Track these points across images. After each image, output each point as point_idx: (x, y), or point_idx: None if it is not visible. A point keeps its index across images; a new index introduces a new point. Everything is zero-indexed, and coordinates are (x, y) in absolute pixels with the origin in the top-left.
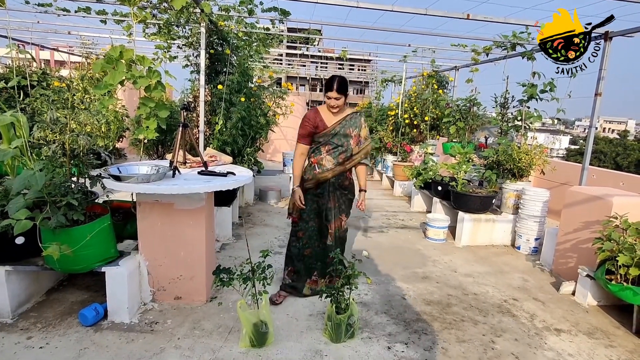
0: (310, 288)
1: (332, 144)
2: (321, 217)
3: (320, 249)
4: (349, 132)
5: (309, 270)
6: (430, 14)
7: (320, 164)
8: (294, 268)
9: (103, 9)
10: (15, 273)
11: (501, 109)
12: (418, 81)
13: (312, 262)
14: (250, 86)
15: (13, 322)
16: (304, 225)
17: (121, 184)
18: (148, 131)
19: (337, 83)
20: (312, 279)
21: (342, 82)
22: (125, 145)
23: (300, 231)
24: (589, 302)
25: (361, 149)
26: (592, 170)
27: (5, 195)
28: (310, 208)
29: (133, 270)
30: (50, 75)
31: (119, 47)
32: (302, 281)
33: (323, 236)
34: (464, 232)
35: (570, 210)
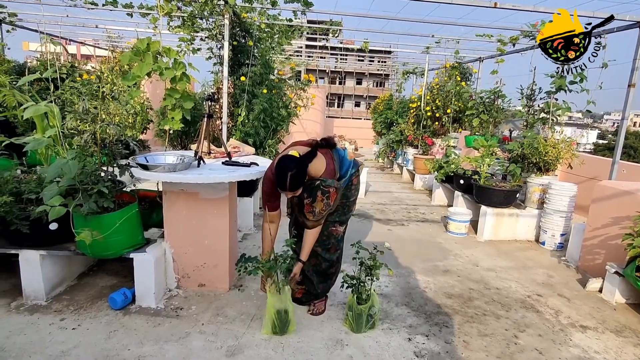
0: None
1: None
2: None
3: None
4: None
5: None
6: (455, 2)
7: None
8: None
9: (130, 2)
10: (49, 257)
11: (527, 101)
12: (441, 73)
13: None
14: (271, 78)
15: (47, 304)
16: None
17: (149, 173)
18: (173, 122)
19: (289, 184)
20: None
21: (295, 180)
22: (150, 137)
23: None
24: (616, 299)
25: (315, 222)
26: (622, 165)
27: (39, 183)
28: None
29: (159, 257)
30: (79, 68)
31: (146, 40)
32: None
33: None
34: (487, 226)
35: (599, 205)
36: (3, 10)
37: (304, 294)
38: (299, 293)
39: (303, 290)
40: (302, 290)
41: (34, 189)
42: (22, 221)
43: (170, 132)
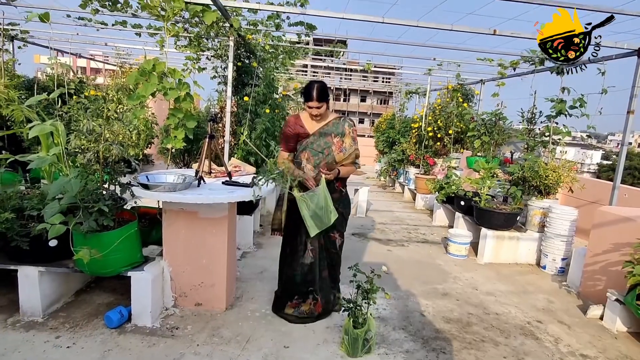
0: (292, 307)
1: (312, 151)
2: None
3: (299, 268)
4: (330, 139)
5: (291, 294)
6: (455, 29)
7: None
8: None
9: (139, 23)
10: (47, 274)
11: (528, 124)
12: (443, 94)
13: (292, 285)
14: (275, 97)
15: (43, 321)
16: (290, 240)
17: (149, 192)
18: (176, 141)
19: (316, 91)
20: (293, 302)
21: (321, 89)
22: (154, 151)
23: (287, 246)
24: (617, 327)
25: (346, 156)
26: (623, 189)
27: (41, 199)
28: (294, 224)
29: (157, 275)
30: (87, 84)
31: (152, 60)
32: (283, 303)
33: (300, 254)
34: (487, 249)
35: (600, 230)
36: (15, 28)
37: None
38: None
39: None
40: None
41: (36, 206)
42: (23, 238)
43: (173, 150)
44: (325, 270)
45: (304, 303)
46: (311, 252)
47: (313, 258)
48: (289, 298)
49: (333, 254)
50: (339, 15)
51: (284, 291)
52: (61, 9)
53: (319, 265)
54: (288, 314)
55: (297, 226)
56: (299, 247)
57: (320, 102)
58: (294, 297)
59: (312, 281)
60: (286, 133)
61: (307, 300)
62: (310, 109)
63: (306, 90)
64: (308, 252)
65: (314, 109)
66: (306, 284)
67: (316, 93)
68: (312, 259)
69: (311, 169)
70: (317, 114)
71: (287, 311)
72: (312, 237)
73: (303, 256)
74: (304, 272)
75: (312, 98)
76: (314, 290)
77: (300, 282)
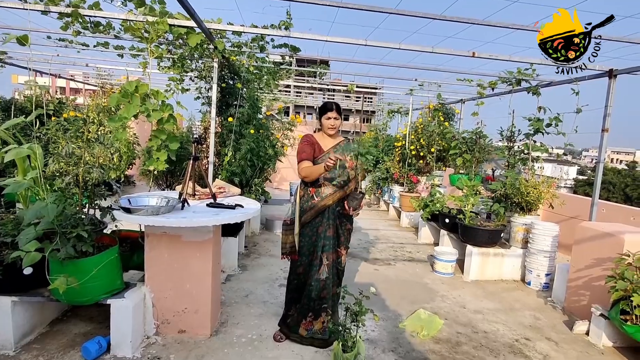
0: (305, 329)
1: None
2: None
3: (315, 284)
4: (344, 157)
5: (305, 311)
6: (436, 51)
7: (318, 192)
8: (293, 308)
9: (121, 45)
10: (20, 303)
11: (508, 142)
12: (424, 113)
13: (307, 301)
14: (259, 117)
15: (15, 355)
16: (304, 260)
17: (131, 216)
18: (158, 162)
19: (335, 105)
20: (307, 320)
21: (338, 105)
22: (135, 172)
23: (300, 266)
24: (604, 342)
25: (358, 171)
26: (601, 204)
27: (16, 225)
28: (309, 241)
29: (138, 302)
30: (67, 104)
31: (134, 82)
32: (297, 322)
33: (315, 269)
34: (473, 266)
35: (581, 246)
36: None
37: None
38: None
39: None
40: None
41: (10, 232)
42: None
43: (155, 172)
44: (335, 287)
45: (316, 321)
46: (326, 267)
47: (328, 273)
48: (303, 316)
49: (340, 271)
50: (323, 38)
51: (298, 309)
52: (41, 30)
53: (332, 281)
54: (303, 337)
55: (313, 244)
56: (315, 262)
57: (338, 114)
58: (308, 314)
59: (326, 297)
60: (305, 143)
61: (320, 317)
62: (328, 120)
63: (324, 105)
64: (324, 266)
65: (332, 119)
66: (321, 300)
67: (335, 106)
68: (327, 274)
69: (329, 186)
70: (335, 126)
71: (301, 332)
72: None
73: (318, 271)
74: (319, 288)
75: (332, 109)
76: (328, 306)
77: (315, 297)
